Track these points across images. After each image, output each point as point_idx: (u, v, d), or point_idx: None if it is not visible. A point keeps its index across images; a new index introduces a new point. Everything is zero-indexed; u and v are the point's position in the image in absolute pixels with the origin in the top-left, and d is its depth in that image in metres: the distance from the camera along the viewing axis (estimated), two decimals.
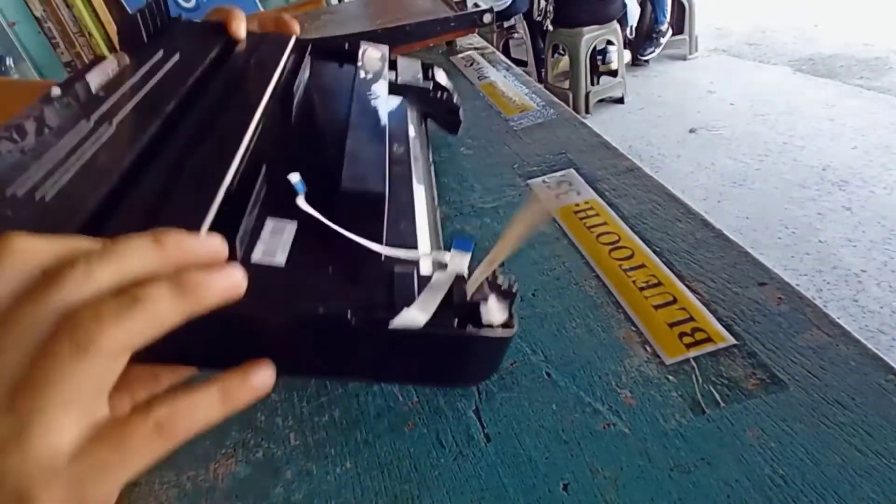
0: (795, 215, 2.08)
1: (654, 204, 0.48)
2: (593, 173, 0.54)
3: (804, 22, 3.71)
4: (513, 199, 0.52)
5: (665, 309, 0.38)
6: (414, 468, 0.32)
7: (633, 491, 0.29)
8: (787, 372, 0.33)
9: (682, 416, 0.32)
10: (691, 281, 0.40)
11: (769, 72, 3.23)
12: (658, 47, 3.48)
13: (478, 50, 0.94)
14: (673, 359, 0.35)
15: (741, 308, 0.37)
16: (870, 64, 3.05)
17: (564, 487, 0.29)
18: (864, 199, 2.09)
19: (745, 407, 0.31)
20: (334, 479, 0.33)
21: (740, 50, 3.54)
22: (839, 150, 2.40)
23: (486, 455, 0.32)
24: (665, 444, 0.30)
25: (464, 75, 0.85)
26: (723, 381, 0.33)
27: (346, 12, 1.21)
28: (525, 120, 0.66)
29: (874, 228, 1.95)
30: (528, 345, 0.38)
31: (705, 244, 0.43)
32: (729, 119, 2.81)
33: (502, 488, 0.30)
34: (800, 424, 0.30)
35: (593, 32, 2.89)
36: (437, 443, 0.33)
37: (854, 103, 2.73)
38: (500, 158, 0.59)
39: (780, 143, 2.54)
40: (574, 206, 0.50)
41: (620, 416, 0.32)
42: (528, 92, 0.74)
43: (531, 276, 0.43)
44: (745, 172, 2.38)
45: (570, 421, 0.33)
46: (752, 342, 0.35)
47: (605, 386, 0.34)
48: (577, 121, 0.64)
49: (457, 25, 0.95)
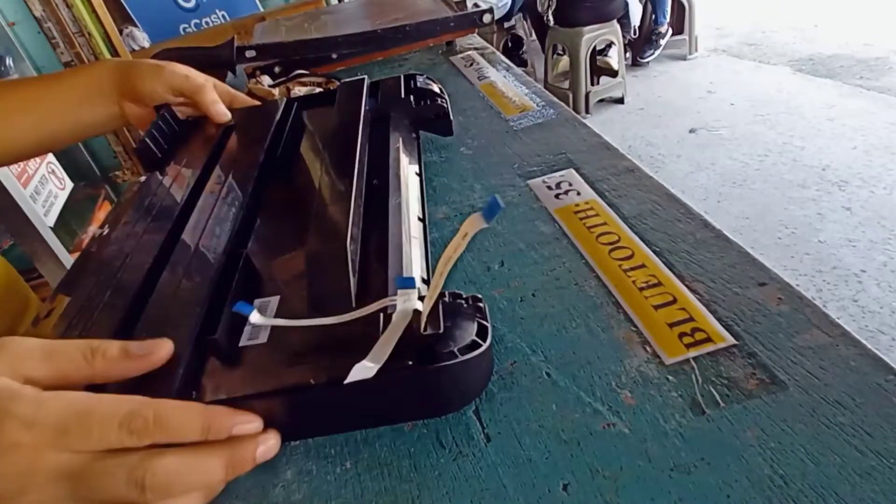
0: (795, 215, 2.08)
1: (654, 204, 0.48)
2: (593, 173, 0.54)
3: (804, 22, 3.71)
4: (513, 199, 0.52)
5: (665, 309, 0.38)
6: (414, 468, 0.32)
7: (633, 491, 0.29)
8: (787, 372, 0.33)
9: (682, 417, 0.32)
10: (691, 281, 0.40)
11: (769, 72, 3.23)
12: (658, 49, 3.48)
13: (477, 50, 0.94)
14: (673, 359, 0.35)
15: (741, 308, 0.37)
16: (869, 64, 3.05)
17: (564, 487, 0.29)
18: (864, 199, 2.09)
19: (744, 407, 0.31)
20: (334, 479, 0.33)
21: (740, 50, 3.54)
22: (839, 150, 2.40)
23: (486, 455, 0.32)
24: (665, 445, 0.30)
25: (463, 75, 0.85)
26: (723, 382, 0.33)
27: (345, 12, 1.21)
28: (525, 120, 0.66)
29: (874, 228, 1.95)
30: (527, 345, 0.38)
31: (705, 244, 0.43)
32: (729, 119, 2.81)
33: (502, 488, 0.30)
34: (800, 425, 0.30)
35: (593, 32, 2.89)
36: (437, 443, 0.33)
37: (854, 103, 2.73)
38: (500, 158, 0.59)
39: (780, 143, 2.54)
40: (574, 206, 0.50)
41: (620, 417, 0.32)
42: (528, 92, 0.74)
43: (531, 276, 0.43)
44: (745, 172, 2.38)
45: (570, 421, 0.33)
46: (752, 342, 0.35)
47: (605, 386, 0.34)
48: (576, 121, 0.64)
49: (456, 25, 0.95)
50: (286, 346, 0.33)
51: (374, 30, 0.94)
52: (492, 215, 0.26)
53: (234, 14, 2.35)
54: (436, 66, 0.92)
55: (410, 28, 0.94)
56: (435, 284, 0.30)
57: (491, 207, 0.26)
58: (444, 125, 0.62)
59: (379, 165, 0.48)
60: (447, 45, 0.98)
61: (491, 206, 0.26)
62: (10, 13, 1.92)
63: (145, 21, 2.36)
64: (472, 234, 0.28)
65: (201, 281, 0.37)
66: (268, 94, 0.81)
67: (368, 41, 0.94)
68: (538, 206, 0.51)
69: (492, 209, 0.26)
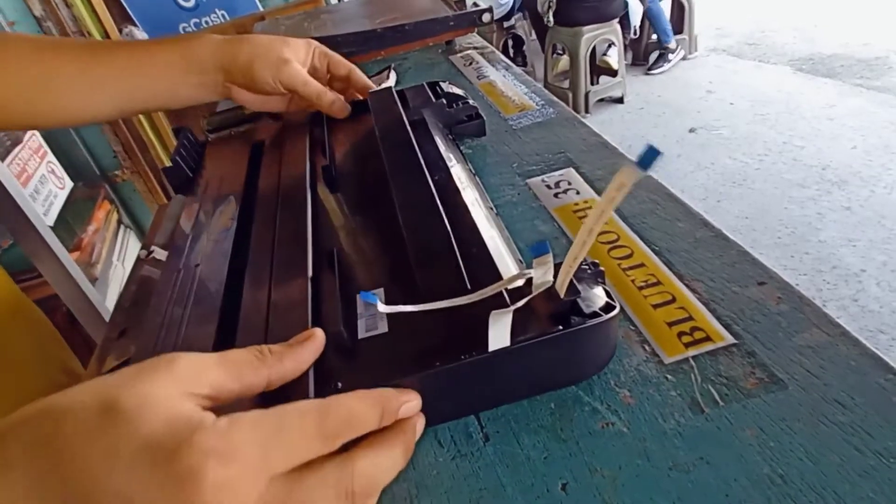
0: (795, 215, 2.08)
1: (654, 203, 0.48)
2: (593, 172, 0.54)
3: (804, 22, 3.71)
4: (512, 199, 0.52)
5: (664, 308, 0.38)
6: (412, 467, 0.32)
7: (632, 490, 0.29)
8: (787, 371, 0.33)
9: (681, 416, 0.31)
10: (690, 280, 0.40)
11: (769, 72, 3.23)
12: (668, 63, 3.48)
13: (477, 49, 0.94)
14: (672, 358, 0.35)
15: (740, 307, 0.37)
16: (869, 64, 3.05)
17: (563, 487, 0.29)
18: (864, 199, 2.09)
19: (744, 406, 0.31)
20: None
21: (740, 50, 3.54)
22: (839, 150, 2.40)
23: (485, 454, 0.32)
24: (664, 444, 0.30)
25: (463, 75, 0.85)
26: (722, 381, 0.33)
27: (345, 11, 1.20)
28: (524, 119, 0.66)
29: (874, 228, 1.95)
30: None
31: (705, 244, 0.43)
32: (729, 119, 2.81)
33: (500, 487, 0.30)
34: (799, 424, 0.30)
35: (593, 32, 2.89)
36: (436, 442, 0.33)
37: (854, 103, 2.73)
38: (500, 158, 0.59)
39: (780, 142, 2.54)
40: (574, 206, 0.50)
41: (619, 416, 0.32)
42: (528, 91, 0.74)
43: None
44: (744, 172, 2.38)
45: (569, 420, 0.33)
46: (752, 342, 0.35)
47: (604, 385, 0.34)
48: (576, 120, 0.63)
49: (456, 25, 0.94)
50: (409, 332, 0.33)
51: (373, 29, 0.94)
52: (648, 163, 0.23)
53: (234, 13, 2.35)
54: (435, 66, 0.91)
55: (410, 27, 0.93)
56: (582, 243, 0.29)
57: (647, 154, 0.23)
58: (477, 126, 0.63)
59: (431, 164, 0.49)
60: (447, 45, 0.98)
61: (647, 152, 0.23)
62: (10, 13, 1.92)
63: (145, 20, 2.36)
64: (628, 185, 0.25)
65: (298, 283, 0.37)
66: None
67: (368, 40, 0.94)
68: (537, 206, 0.51)
69: (648, 156, 0.23)
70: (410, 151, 0.48)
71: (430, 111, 0.60)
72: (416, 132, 0.53)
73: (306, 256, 0.39)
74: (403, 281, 0.38)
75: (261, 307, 0.36)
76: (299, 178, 0.50)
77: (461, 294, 0.33)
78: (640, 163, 0.23)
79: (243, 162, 0.56)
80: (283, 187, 0.49)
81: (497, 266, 0.37)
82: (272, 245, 0.41)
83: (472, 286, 0.34)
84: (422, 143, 0.52)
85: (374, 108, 0.59)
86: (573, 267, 0.31)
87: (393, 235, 0.42)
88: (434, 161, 0.50)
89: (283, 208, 0.46)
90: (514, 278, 0.33)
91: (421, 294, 0.34)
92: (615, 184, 0.25)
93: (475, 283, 0.34)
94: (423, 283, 0.36)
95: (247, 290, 0.38)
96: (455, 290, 0.34)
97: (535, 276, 0.32)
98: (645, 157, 0.23)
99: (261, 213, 0.47)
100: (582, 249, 0.29)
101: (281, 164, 0.54)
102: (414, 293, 0.35)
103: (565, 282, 0.31)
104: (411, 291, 0.36)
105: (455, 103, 0.62)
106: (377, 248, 0.43)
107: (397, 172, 0.46)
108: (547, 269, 0.32)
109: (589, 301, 0.32)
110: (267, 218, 0.46)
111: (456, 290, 0.34)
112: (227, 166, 0.57)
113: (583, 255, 0.30)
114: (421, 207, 0.41)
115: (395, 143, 0.50)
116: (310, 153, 0.55)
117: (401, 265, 0.39)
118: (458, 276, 0.35)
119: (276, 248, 0.41)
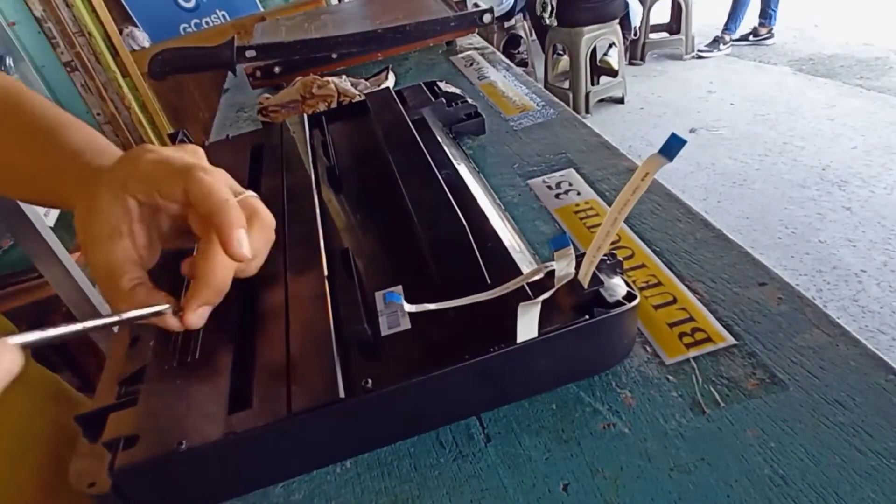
0: (795, 215, 2.08)
1: (654, 204, 0.48)
2: (593, 173, 0.54)
3: (804, 22, 3.71)
4: (513, 199, 0.52)
5: (665, 309, 0.38)
6: (414, 468, 0.32)
7: (633, 491, 0.29)
8: (787, 372, 0.33)
9: (682, 416, 0.32)
10: (691, 281, 0.40)
11: (769, 72, 3.22)
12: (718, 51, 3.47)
13: (477, 50, 0.94)
14: (673, 359, 0.35)
15: (741, 308, 0.37)
16: (870, 64, 3.05)
17: (564, 487, 0.29)
18: (864, 199, 2.09)
19: (744, 407, 0.31)
20: (334, 479, 0.33)
21: (740, 50, 3.53)
22: (839, 150, 2.39)
23: (486, 455, 0.32)
24: (665, 444, 0.30)
25: (464, 75, 0.85)
26: (723, 381, 0.33)
27: (346, 12, 1.20)
28: (525, 120, 0.66)
29: (874, 228, 1.94)
30: None
31: (705, 244, 0.43)
32: (729, 119, 2.81)
33: (502, 488, 0.30)
34: (800, 424, 0.30)
35: (593, 32, 2.88)
36: (438, 443, 0.33)
37: (854, 103, 2.73)
38: (500, 158, 0.59)
39: (780, 143, 2.54)
40: (574, 206, 0.50)
41: (620, 416, 0.32)
42: (528, 92, 0.74)
43: None
44: (745, 172, 2.38)
45: (570, 421, 0.33)
46: (752, 342, 0.35)
47: (605, 386, 0.34)
48: (577, 121, 0.64)
49: (456, 25, 0.95)
50: (432, 328, 0.33)
51: (374, 29, 0.94)
52: (673, 152, 0.23)
53: (234, 14, 2.35)
54: (436, 66, 0.92)
55: (410, 28, 0.93)
56: (606, 233, 0.29)
57: (671, 143, 0.23)
58: (477, 124, 0.63)
59: (437, 161, 0.49)
60: (447, 45, 0.98)
61: (672, 141, 0.23)
62: (10, 13, 1.92)
63: (145, 21, 2.36)
64: (653, 173, 0.25)
65: (315, 282, 0.37)
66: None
67: (368, 41, 0.94)
68: (538, 206, 0.51)
69: (673, 145, 0.23)
70: (416, 149, 0.48)
71: (429, 110, 0.60)
72: (418, 131, 0.53)
73: (320, 256, 0.39)
74: (417, 277, 0.38)
75: (278, 307, 0.36)
76: (304, 179, 0.50)
77: (481, 289, 0.33)
78: (664, 151, 0.23)
79: (244, 164, 0.56)
80: (288, 188, 0.49)
81: (515, 260, 0.37)
82: (283, 245, 0.41)
83: (491, 280, 0.34)
84: (425, 141, 0.52)
85: (374, 108, 0.59)
86: (597, 257, 0.31)
87: (403, 232, 0.42)
88: (439, 158, 0.50)
89: (291, 209, 0.46)
90: (537, 271, 0.33)
91: (440, 290, 0.34)
92: (640, 172, 0.25)
93: (494, 277, 0.35)
94: (443, 279, 0.36)
95: (262, 290, 0.38)
96: (475, 285, 0.34)
97: (557, 268, 0.32)
98: (669, 145, 0.23)
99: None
100: (606, 239, 0.30)
101: (283, 166, 0.54)
102: (430, 289, 0.35)
103: (588, 272, 0.31)
104: (427, 287, 0.36)
105: (454, 102, 0.63)
106: (387, 246, 0.43)
107: (405, 170, 0.46)
108: (569, 262, 0.32)
109: (611, 290, 0.32)
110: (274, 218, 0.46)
111: (476, 285, 0.34)
112: (227, 168, 0.57)
113: (606, 246, 0.30)
114: (434, 204, 0.41)
115: (399, 142, 0.50)
116: (311, 154, 0.55)
117: (413, 262, 0.39)
118: (478, 270, 0.35)
119: (287, 249, 0.41)
